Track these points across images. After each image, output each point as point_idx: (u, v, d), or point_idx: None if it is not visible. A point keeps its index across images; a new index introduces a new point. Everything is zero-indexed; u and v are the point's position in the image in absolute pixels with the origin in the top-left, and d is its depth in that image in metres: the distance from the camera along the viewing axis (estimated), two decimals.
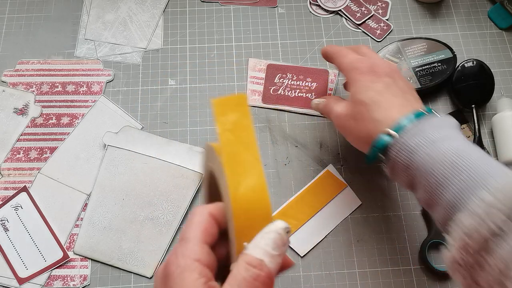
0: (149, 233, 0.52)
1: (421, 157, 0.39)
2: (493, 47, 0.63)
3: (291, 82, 0.59)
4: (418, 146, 0.39)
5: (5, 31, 0.63)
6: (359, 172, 0.56)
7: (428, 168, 0.38)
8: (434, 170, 0.37)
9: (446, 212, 0.36)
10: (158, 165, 0.55)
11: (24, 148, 0.56)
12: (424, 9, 0.65)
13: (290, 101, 0.59)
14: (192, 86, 0.60)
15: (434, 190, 0.37)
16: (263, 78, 0.60)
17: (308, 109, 0.58)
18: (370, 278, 0.51)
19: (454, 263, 0.35)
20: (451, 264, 0.35)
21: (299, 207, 0.53)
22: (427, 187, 0.38)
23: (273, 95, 0.59)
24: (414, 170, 0.39)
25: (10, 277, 0.50)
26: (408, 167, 0.40)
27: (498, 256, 0.32)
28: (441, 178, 0.37)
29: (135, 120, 0.58)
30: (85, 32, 0.63)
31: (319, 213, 0.53)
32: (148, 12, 0.64)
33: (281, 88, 0.59)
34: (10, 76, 0.60)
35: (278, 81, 0.60)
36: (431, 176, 0.38)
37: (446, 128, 0.40)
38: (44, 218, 0.53)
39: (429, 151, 0.38)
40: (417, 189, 0.40)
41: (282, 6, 0.65)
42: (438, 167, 0.37)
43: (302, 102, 0.59)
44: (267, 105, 0.59)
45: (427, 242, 0.51)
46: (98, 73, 0.60)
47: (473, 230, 0.33)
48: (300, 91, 0.59)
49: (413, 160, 0.39)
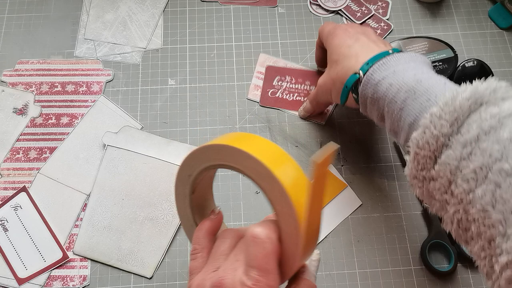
0: (149, 233, 0.52)
1: (384, 87, 0.41)
2: (493, 47, 0.63)
3: (290, 85, 0.59)
4: (382, 78, 0.41)
5: (4, 30, 0.63)
6: (359, 172, 0.55)
7: (391, 96, 0.40)
8: (395, 97, 0.40)
9: (406, 134, 0.39)
10: (158, 165, 0.55)
11: (23, 148, 0.56)
12: (425, 9, 0.65)
13: (288, 104, 0.59)
14: (192, 86, 0.60)
15: (397, 116, 0.40)
16: None
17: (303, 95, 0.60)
18: (371, 278, 0.51)
19: (411, 177, 0.38)
20: (409, 179, 0.38)
21: None
22: (391, 115, 0.40)
23: (271, 97, 0.59)
24: (380, 101, 0.42)
25: (10, 277, 0.50)
26: (375, 100, 0.42)
27: (444, 162, 0.34)
28: (402, 103, 0.39)
29: (134, 120, 0.58)
30: (84, 31, 0.63)
31: None
32: (148, 11, 0.64)
33: (279, 91, 0.59)
34: (9, 76, 0.60)
35: (277, 84, 0.60)
36: (394, 103, 0.40)
37: (412, 62, 0.42)
38: (43, 218, 0.53)
39: (392, 81, 0.41)
40: (385, 119, 0.42)
41: (282, 6, 0.65)
42: (400, 93, 0.39)
43: (300, 106, 0.59)
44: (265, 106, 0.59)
45: (427, 242, 0.51)
46: (97, 73, 0.60)
47: (422, 141, 0.35)
48: (298, 94, 0.59)
49: (377, 91, 0.42)
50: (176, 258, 0.52)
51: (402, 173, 0.55)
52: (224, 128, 0.58)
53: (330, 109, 0.59)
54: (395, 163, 0.56)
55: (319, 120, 0.58)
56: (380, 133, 0.58)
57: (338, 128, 0.58)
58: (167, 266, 0.51)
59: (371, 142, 0.57)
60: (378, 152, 0.57)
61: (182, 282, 0.51)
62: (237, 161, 0.33)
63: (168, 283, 0.51)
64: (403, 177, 0.55)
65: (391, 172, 0.55)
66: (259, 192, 0.54)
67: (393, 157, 0.56)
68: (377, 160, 0.56)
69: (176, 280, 0.51)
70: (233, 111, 0.59)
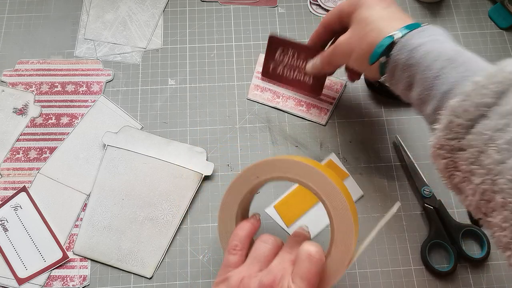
0: (149, 233, 0.52)
1: (421, 53, 0.40)
2: (493, 47, 0.63)
3: (292, 61, 0.58)
4: (419, 44, 0.40)
5: (4, 30, 0.63)
6: (360, 172, 0.55)
7: (427, 64, 0.39)
8: (431, 65, 0.39)
9: (439, 103, 0.38)
10: (158, 165, 0.55)
11: (23, 148, 0.56)
12: (425, 9, 0.65)
13: (288, 82, 0.59)
14: (192, 86, 0.60)
15: (431, 83, 0.39)
16: None
17: (304, 96, 0.59)
18: (371, 278, 0.51)
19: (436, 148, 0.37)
20: (434, 149, 0.38)
21: (301, 196, 0.54)
22: (423, 82, 0.39)
23: (272, 72, 0.59)
24: (413, 67, 0.40)
25: (10, 277, 0.50)
26: (408, 66, 0.41)
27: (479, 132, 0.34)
28: (438, 71, 0.38)
29: (134, 120, 0.58)
30: (84, 31, 0.63)
31: (320, 203, 0.53)
32: (147, 11, 0.64)
33: (280, 66, 0.59)
34: (9, 76, 0.60)
35: (279, 58, 0.58)
36: (428, 70, 0.39)
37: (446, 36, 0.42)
38: (43, 218, 0.53)
39: (429, 48, 0.40)
40: (413, 87, 0.41)
41: (282, 6, 0.65)
42: (437, 62, 0.39)
43: (300, 86, 0.58)
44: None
45: (427, 242, 0.51)
46: (97, 73, 0.60)
47: (460, 108, 0.35)
48: (299, 72, 0.58)
49: (413, 57, 0.40)
50: (176, 258, 0.52)
51: (402, 173, 0.55)
52: (224, 128, 0.58)
53: (330, 109, 0.59)
54: (395, 163, 0.56)
55: (319, 120, 0.58)
56: (380, 133, 0.58)
57: (338, 128, 0.58)
58: (167, 266, 0.51)
59: (371, 142, 0.57)
60: (378, 152, 0.57)
61: (182, 282, 0.51)
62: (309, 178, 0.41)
63: (168, 283, 0.51)
64: (403, 177, 0.55)
65: (391, 172, 0.56)
66: (259, 192, 0.54)
67: (393, 157, 0.56)
68: (377, 160, 0.56)
69: (176, 280, 0.51)
70: (233, 111, 0.59)
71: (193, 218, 0.53)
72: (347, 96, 0.60)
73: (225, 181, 0.55)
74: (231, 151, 0.57)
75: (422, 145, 0.57)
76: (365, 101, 0.59)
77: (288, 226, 0.53)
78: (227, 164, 0.56)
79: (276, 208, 0.53)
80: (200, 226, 0.53)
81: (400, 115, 0.59)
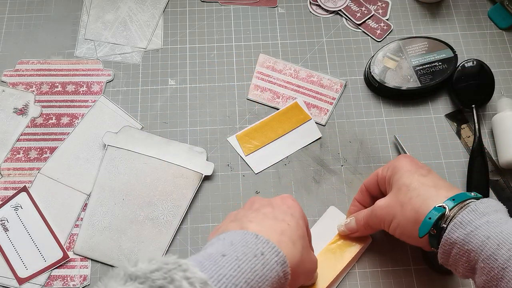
0: (149, 233, 0.52)
1: (480, 239, 0.37)
2: (493, 47, 0.63)
3: None
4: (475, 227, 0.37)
5: (5, 31, 0.63)
6: (359, 172, 0.55)
7: (490, 252, 0.36)
8: (496, 253, 0.36)
9: None
10: (158, 165, 0.55)
11: (24, 148, 0.56)
12: (424, 9, 0.65)
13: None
14: (192, 86, 0.60)
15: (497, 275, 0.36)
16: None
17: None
18: (370, 278, 0.51)
19: None
20: None
21: (263, 131, 0.57)
22: (490, 272, 0.36)
23: None
24: (472, 253, 0.37)
25: (10, 277, 0.50)
26: (466, 251, 0.38)
27: None
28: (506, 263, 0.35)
29: (135, 120, 0.58)
30: (85, 32, 0.63)
31: (281, 139, 0.57)
32: (148, 12, 0.64)
33: None
34: (10, 76, 0.60)
35: None
36: (493, 261, 0.36)
37: (499, 213, 0.39)
38: (44, 218, 0.53)
39: (488, 233, 0.37)
40: (476, 274, 0.38)
41: (282, 6, 0.65)
42: (501, 251, 0.36)
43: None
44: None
45: None
46: (98, 73, 0.60)
47: None
48: None
49: (470, 242, 0.37)
50: None
51: None
52: (224, 128, 0.58)
53: (330, 109, 0.59)
54: None
55: (319, 120, 0.58)
56: (380, 133, 0.58)
57: (338, 128, 0.58)
58: None
59: (371, 142, 0.57)
60: (378, 152, 0.57)
61: None
62: None
63: None
64: None
65: None
66: (258, 192, 0.54)
67: (393, 157, 0.56)
68: (377, 160, 0.56)
69: None
70: (233, 111, 0.59)
71: (193, 218, 0.53)
72: (347, 96, 0.60)
73: (225, 181, 0.55)
74: (231, 151, 0.57)
75: (421, 145, 0.57)
76: (365, 101, 0.59)
77: (246, 155, 0.56)
78: (227, 164, 0.56)
79: (238, 137, 0.57)
80: (200, 226, 0.53)
81: (400, 115, 0.59)
